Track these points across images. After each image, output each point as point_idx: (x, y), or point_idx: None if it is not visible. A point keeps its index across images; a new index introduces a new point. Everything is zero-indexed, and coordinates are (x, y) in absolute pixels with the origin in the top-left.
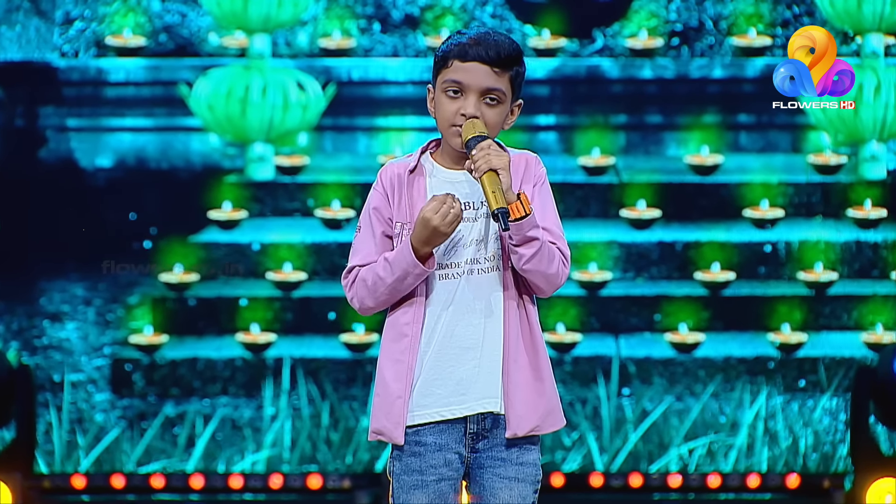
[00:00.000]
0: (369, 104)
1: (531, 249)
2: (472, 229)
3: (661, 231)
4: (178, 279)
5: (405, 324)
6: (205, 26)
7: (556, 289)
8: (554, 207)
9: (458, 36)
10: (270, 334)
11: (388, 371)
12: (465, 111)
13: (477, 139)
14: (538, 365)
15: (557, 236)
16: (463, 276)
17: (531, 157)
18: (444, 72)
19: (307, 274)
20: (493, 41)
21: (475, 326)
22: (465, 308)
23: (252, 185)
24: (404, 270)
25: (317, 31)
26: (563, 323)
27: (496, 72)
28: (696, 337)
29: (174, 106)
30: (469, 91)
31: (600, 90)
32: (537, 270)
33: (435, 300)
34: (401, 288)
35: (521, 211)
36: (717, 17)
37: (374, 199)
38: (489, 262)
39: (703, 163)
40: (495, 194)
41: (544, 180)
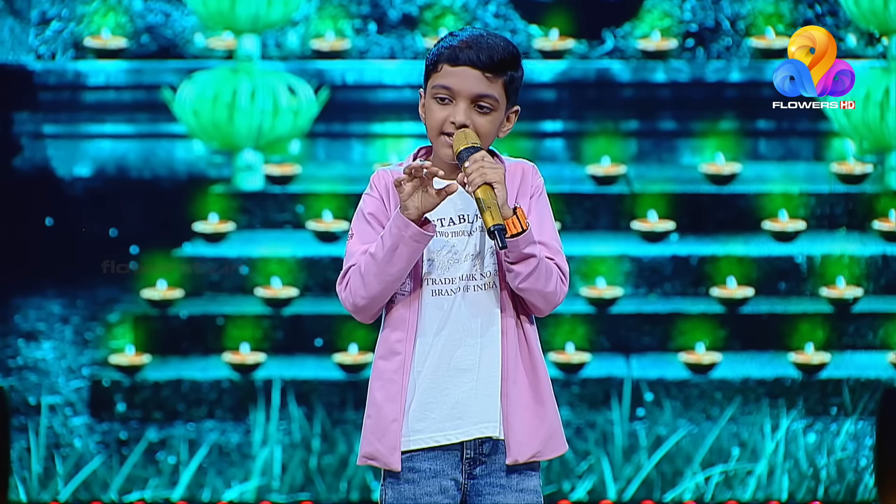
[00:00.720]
0: (364, 109)
1: (528, 267)
2: (466, 244)
3: (675, 244)
4: (161, 295)
5: (397, 341)
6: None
7: (553, 307)
8: (552, 220)
9: (450, 38)
10: (259, 354)
11: (379, 392)
12: (455, 119)
13: (469, 151)
14: (538, 387)
15: (555, 251)
16: (458, 293)
17: (527, 167)
18: (433, 76)
19: (298, 290)
20: (485, 44)
21: (471, 346)
22: (460, 327)
23: (240, 196)
24: (395, 236)
25: (309, 31)
26: (571, 342)
27: (488, 77)
28: (713, 357)
29: (157, 111)
30: (459, 97)
31: (610, 94)
32: (534, 289)
33: (428, 318)
34: (394, 263)
35: (518, 227)
36: (735, 16)
37: (368, 205)
38: (485, 278)
39: (719, 172)
40: (490, 210)
41: (541, 191)
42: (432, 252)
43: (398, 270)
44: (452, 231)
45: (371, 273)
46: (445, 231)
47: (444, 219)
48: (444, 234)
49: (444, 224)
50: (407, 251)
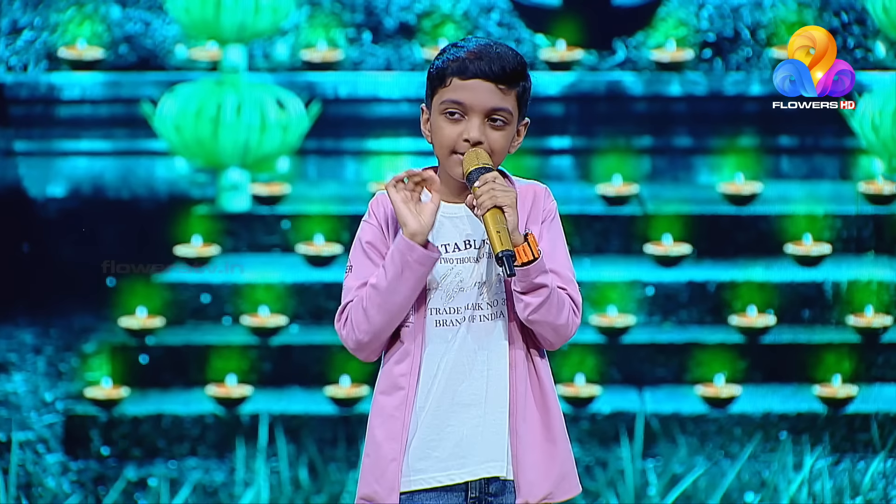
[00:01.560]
0: (359, 124)
1: (538, 298)
2: (472, 271)
3: (692, 269)
4: (140, 324)
5: (401, 375)
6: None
7: (564, 341)
8: (565, 247)
9: (455, 49)
10: (246, 387)
11: (379, 429)
12: (469, 136)
13: (479, 171)
14: (550, 424)
15: (567, 280)
16: (463, 323)
17: (539, 189)
18: (441, 91)
19: (287, 318)
20: (495, 54)
21: (477, 380)
22: (465, 360)
23: (225, 217)
24: (399, 262)
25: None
26: (580, 374)
27: (501, 89)
28: (732, 390)
29: (136, 127)
30: (472, 112)
31: (622, 109)
32: (545, 321)
33: (432, 349)
34: (399, 291)
35: (529, 255)
36: (755, 25)
37: (366, 233)
38: (492, 308)
39: (738, 191)
40: (500, 235)
41: (554, 215)
42: (436, 279)
43: (403, 299)
44: (458, 257)
45: (374, 305)
46: (450, 257)
47: (448, 244)
48: (448, 261)
49: (450, 250)
50: (412, 277)
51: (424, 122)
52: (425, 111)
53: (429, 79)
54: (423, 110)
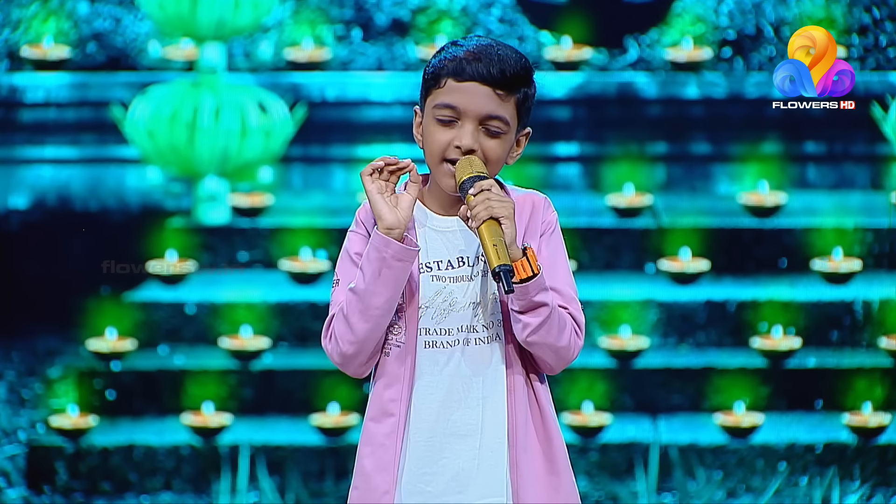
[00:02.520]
0: (348, 130)
1: (538, 318)
2: (466, 291)
3: (710, 287)
4: (109, 347)
5: (391, 400)
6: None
7: (566, 364)
8: (566, 262)
9: (454, 48)
10: (225, 415)
11: (369, 459)
12: (461, 143)
13: (473, 180)
14: (553, 455)
15: (569, 298)
16: (456, 346)
17: (538, 199)
18: (434, 93)
19: (270, 340)
20: (496, 56)
21: (472, 408)
22: (459, 386)
23: (202, 231)
24: (376, 260)
25: (282, 39)
26: (588, 401)
27: (499, 94)
28: (754, 419)
29: (105, 132)
30: (465, 118)
31: (634, 112)
32: (545, 343)
33: (424, 374)
34: (378, 292)
35: (528, 270)
36: (779, 22)
37: (353, 243)
38: (488, 330)
39: (761, 202)
40: (496, 248)
41: (554, 227)
42: (426, 298)
43: (384, 301)
44: (450, 276)
45: (355, 311)
46: (442, 275)
47: (440, 261)
48: (440, 279)
49: (441, 267)
50: (391, 275)
51: (417, 125)
52: (418, 114)
53: (423, 79)
54: (416, 112)
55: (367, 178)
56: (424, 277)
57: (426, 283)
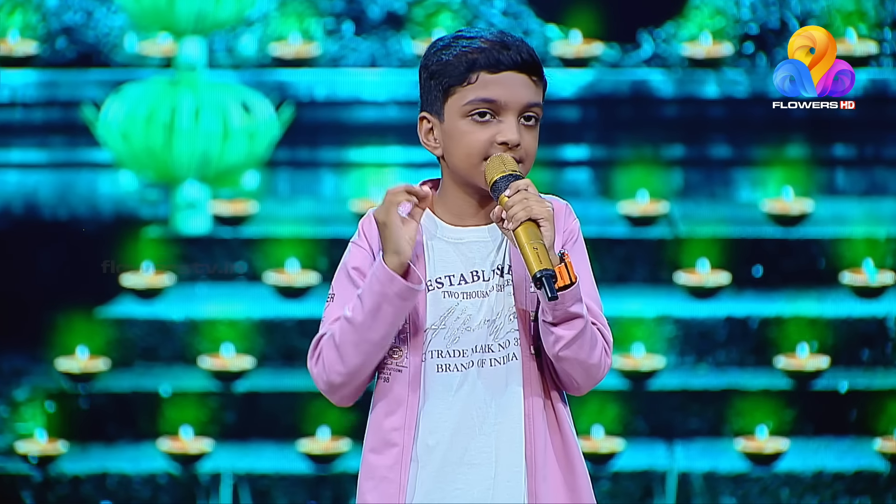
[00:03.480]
0: (338, 131)
1: (572, 330)
2: (481, 307)
3: (731, 302)
4: (80, 367)
5: (393, 429)
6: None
7: (594, 384)
8: (591, 275)
9: (465, 40)
10: (205, 440)
11: (371, 494)
12: (507, 138)
13: (508, 179)
14: (575, 485)
15: (596, 314)
16: (471, 367)
17: (559, 206)
18: (461, 91)
19: (254, 359)
20: (517, 41)
21: (487, 435)
22: (473, 411)
23: (181, 241)
24: (377, 294)
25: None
26: (599, 425)
27: (534, 81)
28: (778, 444)
29: (76, 134)
30: (506, 111)
31: (649, 113)
32: (576, 359)
33: (433, 399)
34: (376, 328)
35: (565, 278)
36: (805, 15)
37: (354, 257)
38: (504, 349)
39: (786, 210)
40: (537, 252)
41: (577, 236)
42: (437, 318)
43: (381, 337)
44: (464, 291)
45: (349, 342)
46: (455, 291)
47: (452, 276)
48: (453, 295)
49: (454, 282)
50: (392, 311)
51: (426, 131)
52: (429, 118)
53: (435, 78)
54: (424, 119)
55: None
56: (435, 295)
57: (437, 301)
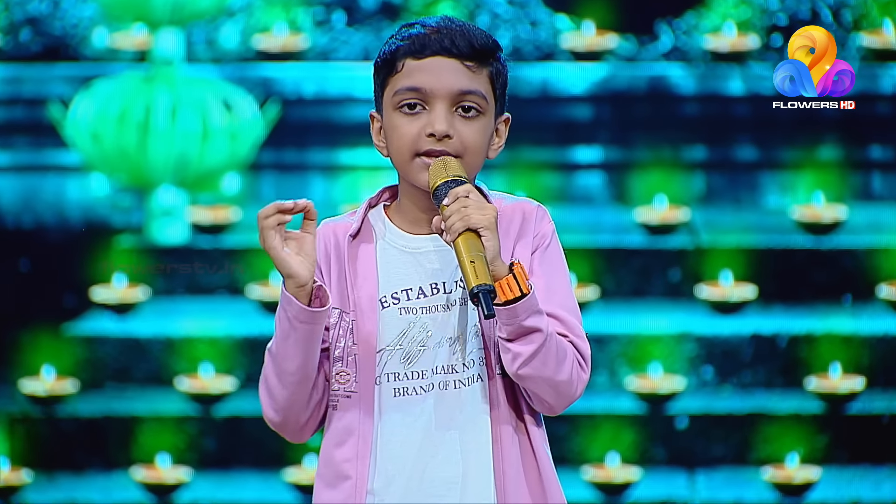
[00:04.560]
0: (328, 131)
1: (530, 345)
2: (442, 323)
3: (757, 318)
4: (46, 389)
5: (344, 461)
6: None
7: (570, 402)
8: (566, 282)
9: (406, 29)
10: (182, 469)
11: None
12: (434, 128)
13: (449, 185)
14: None
15: (570, 325)
16: (431, 391)
17: (530, 208)
18: (391, 80)
19: (236, 381)
20: (458, 27)
21: (453, 464)
22: (436, 439)
23: (156, 251)
24: (282, 320)
25: (251, 24)
26: (614, 452)
27: (469, 66)
28: (809, 473)
29: (42, 134)
30: (435, 99)
31: (667, 111)
32: (540, 377)
33: (389, 426)
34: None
35: (515, 290)
36: (839, 5)
37: None
38: (468, 369)
39: (817, 218)
40: (474, 266)
41: (550, 241)
42: (392, 337)
43: (297, 367)
44: (423, 306)
45: (272, 374)
46: (412, 306)
47: (410, 289)
48: (410, 311)
49: (412, 296)
50: (298, 338)
51: (377, 132)
52: (376, 118)
53: (375, 72)
54: (372, 117)
55: (269, 233)
56: (390, 312)
57: (392, 319)
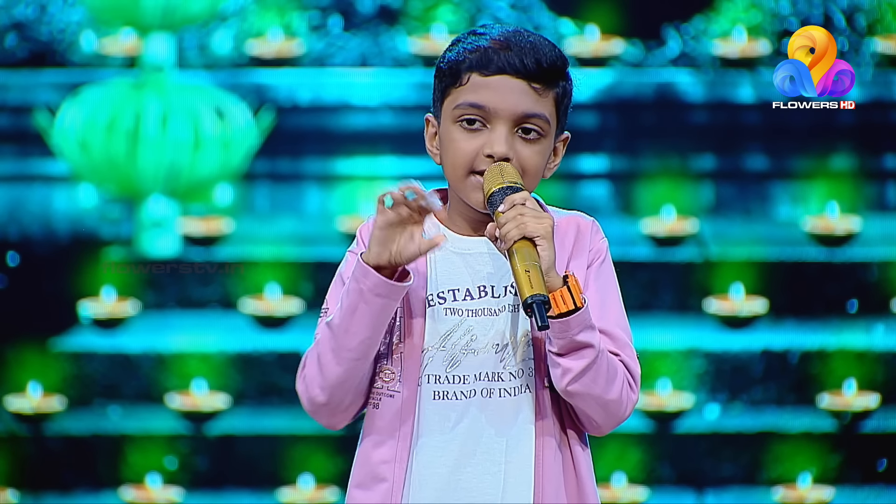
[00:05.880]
0: (324, 140)
1: (581, 361)
2: (490, 328)
3: (768, 333)
4: (33, 406)
5: (382, 462)
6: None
7: (618, 423)
8: (618, 300)
9: (474, 37)
10: (174, 489)
11: None
12: (493, 150)
13: (505, 191)
14: None
15: (622, 343)
16: (473, 397)
17: (585, 223)
18: (454, 92)
19: (230, 398)
20: (528, 43)
21: (493, 475)
22: (477, 447)
23: (146, 264)
24: (354, 292)
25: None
26: (621, 472)
27: (536, 89)
28: (822, 494)
29: (28, 143)
30: (497, 119)
31: (675, 119)
32: (589, 394)
33: (430, 432)
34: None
35: (569, 303)
36: (852, 8)
37: (349, 266)
38: (516, 378)
39: (830, 230)
40: (529, 275)
41: (605, 257)
42: (437, 337)
43: (359, 343)
44: (469, 308)
45: (328, 350)
46: (459, 307)
47: (457, 290)
48: (456, 312)
49: (458, 297)
50: (369, 312)
51: (431, 136)
52: (432, 122)
53: (438, 77)
54: (428, 121)
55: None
56: (435, 311)
57: (437, 319)
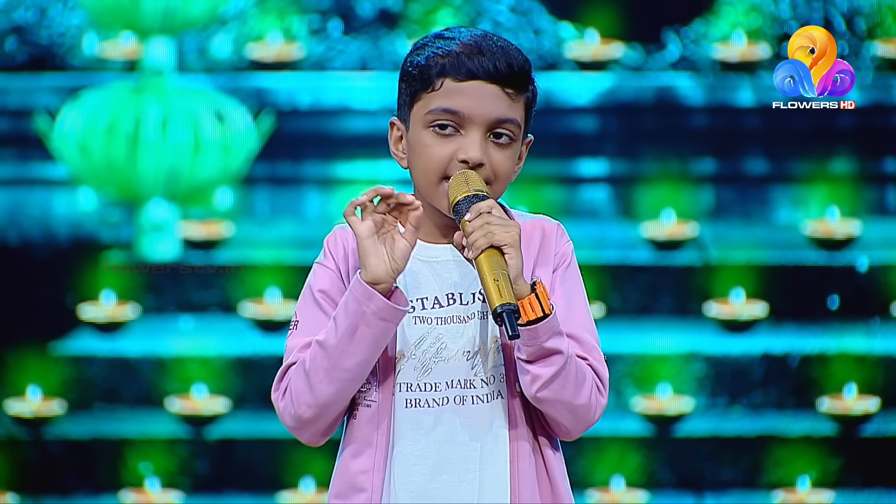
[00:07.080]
0: (324, 143)
1: (550, 368)
2: (460, 335)
3: (768, 337)
4: (33, 410)
5: (360, 472)
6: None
7: (586, 428)
8: (584, 303)
9: (443, 41)
10: (173, 493)
11: None
12: (468, 155)
13: (471, 200)
14: None
15: (589, 347)
16: (446, 404)
17: (550, 226)
18: (425, 97)
19: (229, 402)
20: (498, 48)
21: (469, 482)
22: (451, 454)
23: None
24: (354, 313)
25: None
26: (619, 476)
27: (509, 94)
28: (822, 497)
29: (28, 147)
30: (471, 125)
31: (675, 122)
32: (559, 400)
33: (404, 440)
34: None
35: (538, 310)
36: (852, 12)
37: (319, 279)
38: (487, 385)
39: (830, 234)
40: (498, 284)
41: (570, 261)
42: (407, 346)
43: (357, 364)
44: (438, 316)
45: (320, 369)
46: (428, 316)
47: (425, 298)
48: (425, 320)
49: (427, 305)
50: (370, 335)
51: (396, 140)
52: (397, 125)
53: (405, 81)
54: (392, 124)
55: (351, 217)
56: (406, 320)
57: (407, 327)
